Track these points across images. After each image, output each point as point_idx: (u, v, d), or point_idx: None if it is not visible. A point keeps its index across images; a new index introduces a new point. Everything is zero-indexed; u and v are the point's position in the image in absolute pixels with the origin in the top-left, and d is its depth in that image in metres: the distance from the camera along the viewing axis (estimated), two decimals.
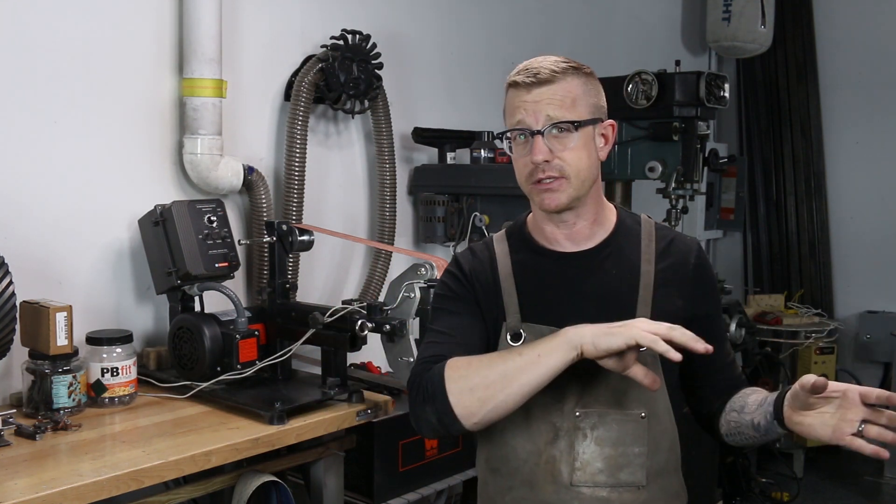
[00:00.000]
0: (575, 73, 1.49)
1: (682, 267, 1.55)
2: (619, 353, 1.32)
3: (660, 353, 1.28)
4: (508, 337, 1.52)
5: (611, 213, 1.59)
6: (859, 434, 1.32)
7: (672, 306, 1.51)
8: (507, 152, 1.53)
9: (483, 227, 2.98)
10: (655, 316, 1.46)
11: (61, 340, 1.96)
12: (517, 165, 1.52)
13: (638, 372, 1.33)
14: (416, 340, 2.19)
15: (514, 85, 1.49)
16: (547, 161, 1.46)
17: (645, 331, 1.29)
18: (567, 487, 1.48)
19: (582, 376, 1.46)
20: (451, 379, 1.42)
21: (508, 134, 1.51)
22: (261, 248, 2.56)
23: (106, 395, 2.08)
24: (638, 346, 1.30)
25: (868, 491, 4.24)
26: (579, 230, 1.55)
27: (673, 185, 3.22)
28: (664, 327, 1.30)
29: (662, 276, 1.52)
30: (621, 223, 1.58)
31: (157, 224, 2.21)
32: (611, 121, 1.55)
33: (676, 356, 1.28)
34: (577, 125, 1.46)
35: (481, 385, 1.39)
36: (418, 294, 2.15)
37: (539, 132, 1.46)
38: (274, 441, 1.94)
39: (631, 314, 1.46)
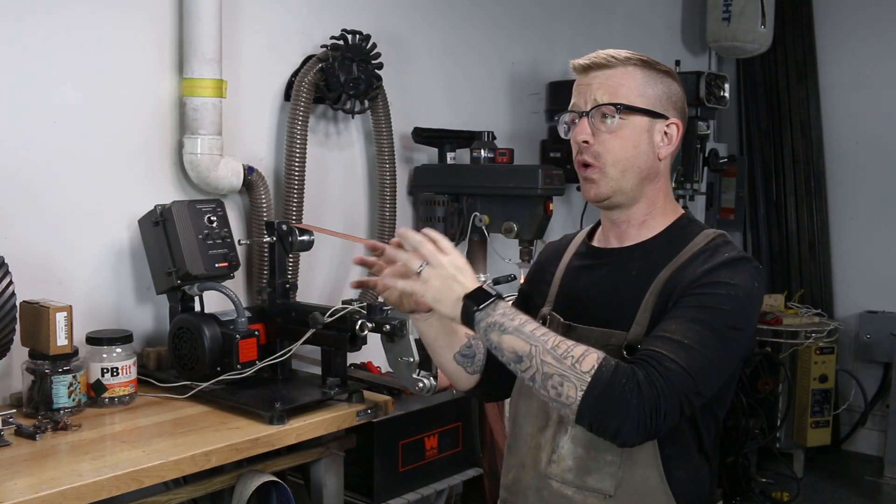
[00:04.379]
0: (639, 65, 1.46)
1: (691, 274, 1.40)
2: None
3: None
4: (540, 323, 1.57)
5: (667, 218, 1.52)
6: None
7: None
8: (564, 136, 1.54)
9: (483, 227, 2.98)
10: (652, 323, 1.41)
11: (61, 340, 1.96)
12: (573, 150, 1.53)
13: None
14: (415, 340, 2.19)
15: (574, 69, 1.51)
16: (586, 143, 1.46)
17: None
18: (542, 476, 1.50)
19: None
20: None
21: (566, 117, 1.51)
22: (261, 248, 2.56)
23: (106, 395, 2.08)
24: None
25: (868, 491, 4.24)
26: (626, 231, 1.52)
27: (673, 185, 3.23)
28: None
29: (672, 285, 1.42)
30: (674, 229, 1.51)
31: (157, 224, 2.21)
32: (675, 119, 1.49)
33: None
34: (620, 108, 1.43)
35: None
36: None
37: (585, 113, 1.46)
38: (274, 441, 1.94)
39: (631, 316, 1.44)
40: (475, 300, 1.35)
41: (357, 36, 2.79)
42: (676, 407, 1.30)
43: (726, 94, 3.30)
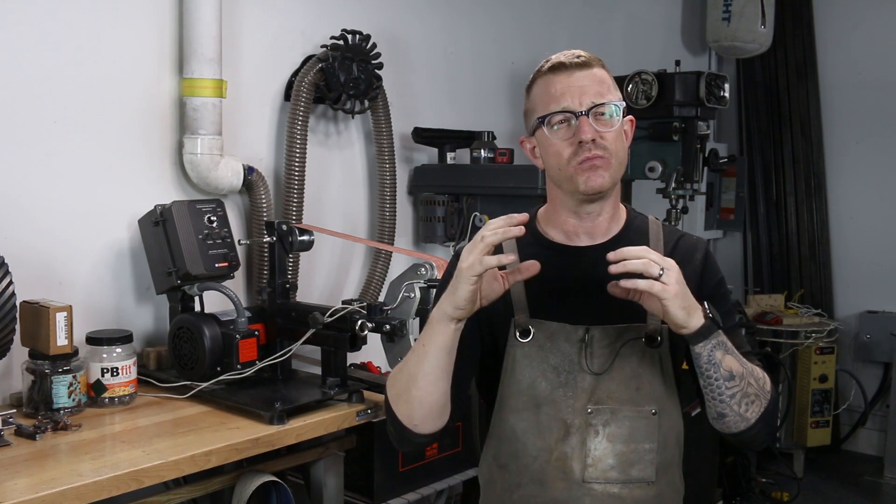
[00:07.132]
0: (603, 66, 1.52)
1: (689, 265, 1.50)
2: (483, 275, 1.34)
3: (509, 237, 1.34)
4: (517, 333, 1.52)
5: (622, 211, 1.61)
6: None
7: None
8: (548, 138, 1.49)
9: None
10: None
11: (61, 340, 1.96)
12: (554, 152, 1.49)
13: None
14: (416, 340, 2.19)
15: (555, 69, 1.50)
16: (594, 140, 1.46)
17: (485, 232, 1.34)
18: (579, 484, 1.48)
19: (595, 373, 1.47)
20: (388, 390, 1.51)
21: (549, 119, 1.48)
22: (261, 248, 2.56)
23: (106, 395, 2.08)
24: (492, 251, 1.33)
25: (868, 491, 4.24)
26: (598, 224, 1.55)
27: (673, 185, 3.23)
28: (501, 220, 1.35)
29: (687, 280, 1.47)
30: (631, 221, 1.60)
31: (157, 224, 2.21)
32: (630, 116, 1.56)
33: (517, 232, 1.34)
34: (619, 108, 1.49)
35: (402, 389, 1.47)
36: (418, 294, 2.15)
37: (584, 113, 1.46)
38: (274, 441, 1.94)
39: (638, 312, 1.45)
40: (714, 319, 1.41)
41: (357, 36, 2.79)
42: None
43: (726, 94, 3.29)
